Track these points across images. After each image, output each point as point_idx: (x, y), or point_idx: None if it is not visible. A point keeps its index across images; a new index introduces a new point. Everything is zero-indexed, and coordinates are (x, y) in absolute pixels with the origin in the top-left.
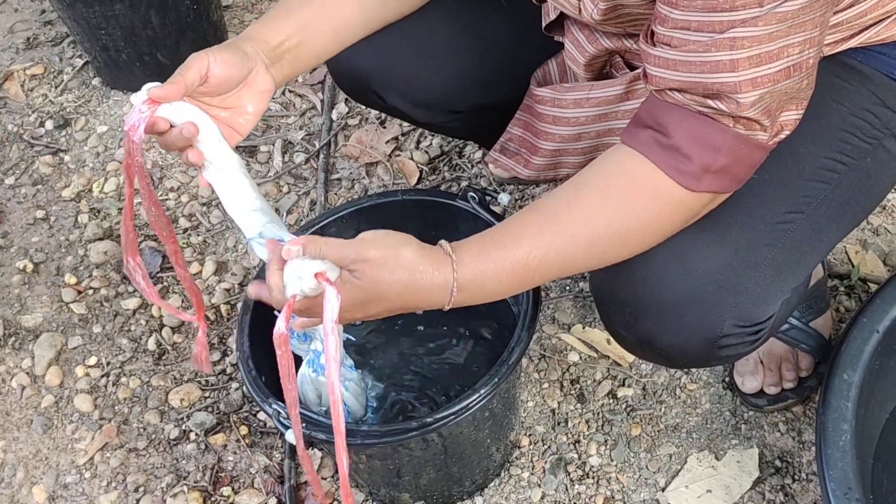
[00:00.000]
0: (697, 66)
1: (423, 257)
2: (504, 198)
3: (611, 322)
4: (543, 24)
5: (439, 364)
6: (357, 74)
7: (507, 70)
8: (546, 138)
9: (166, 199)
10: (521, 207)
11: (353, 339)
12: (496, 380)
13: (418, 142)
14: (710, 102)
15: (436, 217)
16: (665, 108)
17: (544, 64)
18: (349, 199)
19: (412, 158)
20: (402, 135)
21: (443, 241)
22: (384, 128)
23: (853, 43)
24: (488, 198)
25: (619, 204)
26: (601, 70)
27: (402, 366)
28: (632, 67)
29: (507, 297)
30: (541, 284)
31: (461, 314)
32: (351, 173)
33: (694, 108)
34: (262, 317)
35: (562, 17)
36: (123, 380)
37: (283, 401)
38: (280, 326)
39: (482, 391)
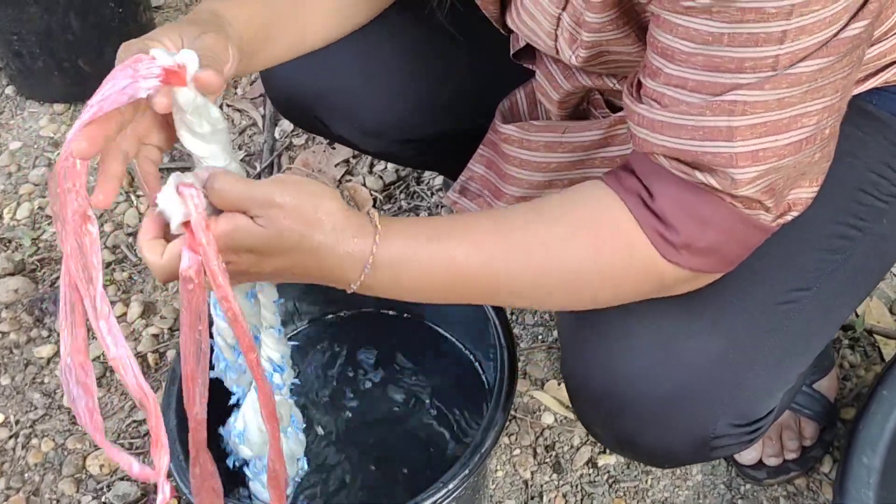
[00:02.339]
0: (688, 130)
1: (344, 217)
2: None
3: (585, 417)
4: (512, 51)
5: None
6: (297, 97)
7: (469, 96)
8: (512, 182)
9: None
10: None
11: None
12: (467, 471)
13: (371, 165)
14: (698, 175)
15: None
16: (652, 167)
17: (511, 94)
18: None
19: (365, 184)
20: (354, 157)
21: (371, 209)
22: (333, 148)
23: (869, 84)
24: None
25: (585, 244)
26: (577, 107)
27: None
28: (612, 107)
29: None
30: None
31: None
32: None
33: (677, 175)
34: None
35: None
36: (35, 441)
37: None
38: (185, 258)
39: (451, 485)
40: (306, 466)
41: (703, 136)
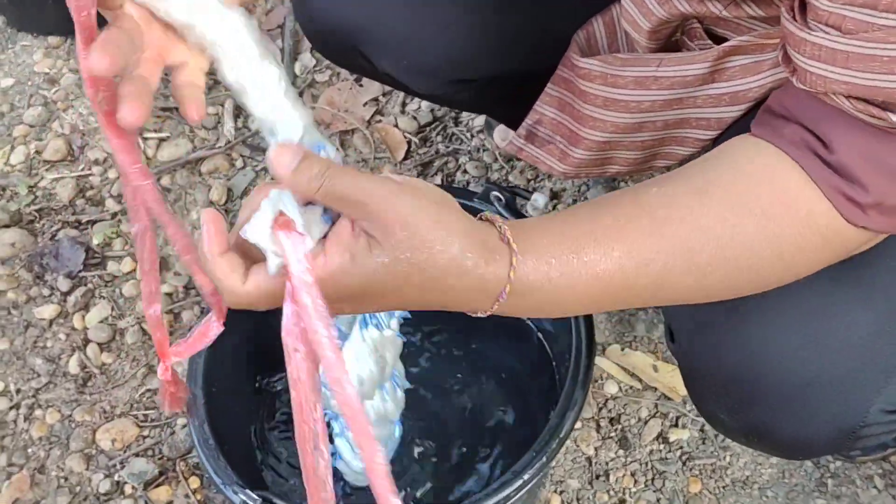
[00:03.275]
0: (883, 62)
1: (473, 240)
2: (539, 199)
3: (706, 403)
4: None
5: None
6: (337, 29)
7: (536, 28)
8: (592, 125)
9: (89, 175)
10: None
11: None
12: (544, 459)
13: (404, 104)
14: (893, 118)
15: None
16: (823, 110)
17: (587, 24)
18: None
19: (397, 126)
20: (384, 95)
21: (496, 219)
22: (361, 86)
23: None
24: (518, 199)
25: (756, 227)
26: (669, 37)
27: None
28: (713, 37)
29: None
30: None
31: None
32: None
33: (863, 119)
34: (223, 355)
35: None
36: (38, 413)
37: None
38: (287, 314)
39: (525, 476)
40: (398, 434)
41: None
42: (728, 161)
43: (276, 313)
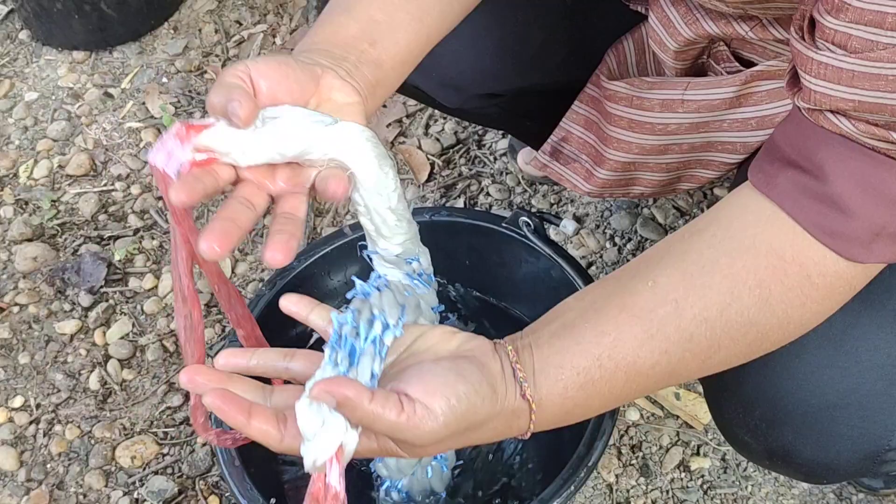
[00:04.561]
0: (887, 81)
1: (498, 407)
2: (569, 226)
3: (729, 423)
4: None
5: None
6: None
7: (565, 43)
8: (618, 147)
9: (112, 190)
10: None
11: None
12: (571, 488)
13: (427, 126)
14: (894, 136)
15: (473, 243)
16: (820, 138)
17: (618, 42)
18: (347, 208)
19: (420, 147)
20: (407, 116)
21: (517, 370)
22: (384, 107)
23: None
24: (547, 224)
25: (749, 298)
26: (696, 59)
27: None
28: (740, 60)
29: None
30: None
31: None
32: None
33: (864, 141)
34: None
35: None
36: (58, 428)
37: None
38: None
39: None
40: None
41: None
42: (725, 225)
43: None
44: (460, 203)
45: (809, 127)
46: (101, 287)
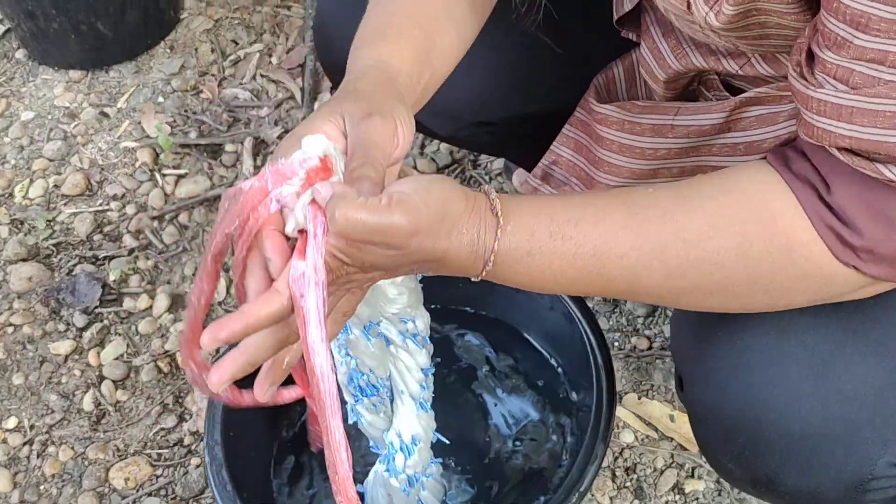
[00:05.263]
0: (887, 118)
1: (469, 214)
2: None
3: (713, 450)
4: (615, 15)
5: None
6: None
7: (555, 71)
8: (607, 170)
9: (107, 210)
10: None
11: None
12: None
13: (422, 146)
14: (886, 172)
15: None
16: (827, 156)
17: (608, 68)
18: None
19: (416, 168)
20: None
21: (491, 191)
22: None
23: None
24: None
25: (728, 236)
26: (686, 87)
27: None
28: (730, 87)
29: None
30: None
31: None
32: None
33: (863, 173)
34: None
35: (639, 8)
36: (52, 449)
37: None
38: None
39: None
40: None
41: None
42: (729, 177)
43: None
44: None
45: (817, 146)
46: (96, 307)
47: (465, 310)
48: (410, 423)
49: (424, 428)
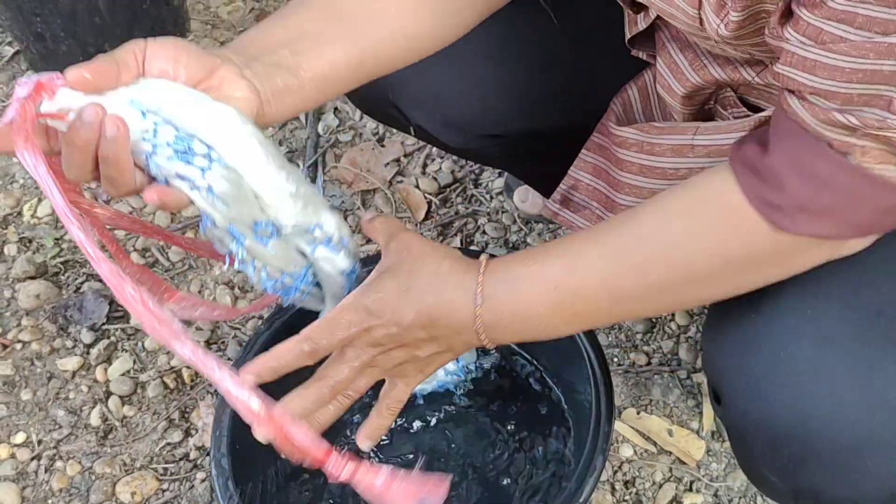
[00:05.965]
0: (843, 73)
1: (452, 266)
2: None
3: (754, 463)
4: (628, 35)
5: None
6: (371, 83)
7: (569, 88)
8: (629, 192)
9: (113, 228)
10: None
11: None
12: None
13: (424, 165)
14: (836, 116)
15: None
16: (778, 117)
17: (622, 90)
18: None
19: (418, 186)
20: (405, 156)
21: (485, 256)
22: (383, 146)
23: None
24: None
25: (678, 221)
26: (703, 105)
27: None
28: (747, 105)
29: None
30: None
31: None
32: (343, 202)
33: (808, 125)
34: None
35: (653, 27)
36: (59, 464)
37: None
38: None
39: None
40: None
41: (861, 78)
42: (692, 179)
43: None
44: (457, 241)
45: (777, 108)
46: (103, 324)
47: None
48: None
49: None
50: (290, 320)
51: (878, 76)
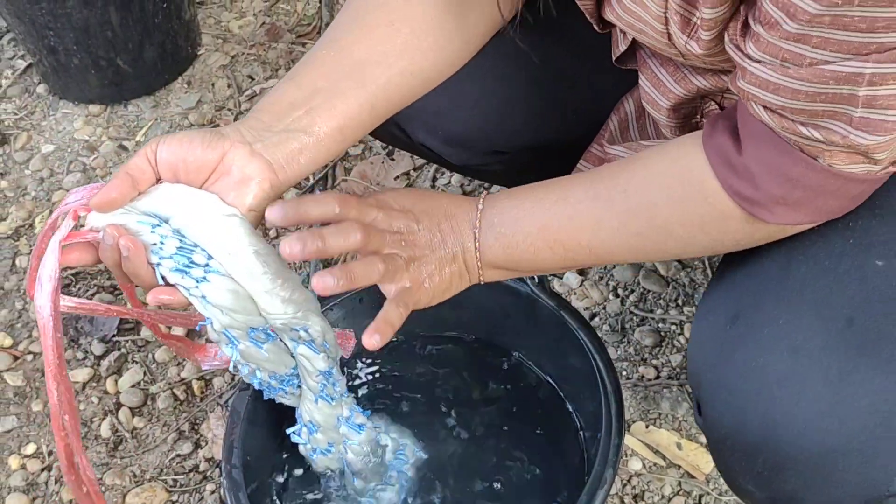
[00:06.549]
0: (807, 96)
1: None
2: (571, 277)
3: (733, 472)
4: (614, 55)
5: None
6: None
7: (567, 103)
8: None
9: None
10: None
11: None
12: None
13: (434, 179)
14: (801, 129)
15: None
16: (746, 116)
17: (619, 104)
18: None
19: None
20: (415, 169)
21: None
22: (392, 160)
23: None
24: (550, 276)
25: (660, 185)
26: (689, 118)
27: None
28: None
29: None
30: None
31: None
32: None
33: (777, 132)
34: (259, 422)
35: (635, 45)
36: None
37: None
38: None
39: None
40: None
41: (825, 99)
42: (667, 145)
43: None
44: None
45: (744, 106)
46: (114, 336)
47: (474, 337)
48: (309, 409)
49: (326, 416)
50: None
51: (838, 98)
